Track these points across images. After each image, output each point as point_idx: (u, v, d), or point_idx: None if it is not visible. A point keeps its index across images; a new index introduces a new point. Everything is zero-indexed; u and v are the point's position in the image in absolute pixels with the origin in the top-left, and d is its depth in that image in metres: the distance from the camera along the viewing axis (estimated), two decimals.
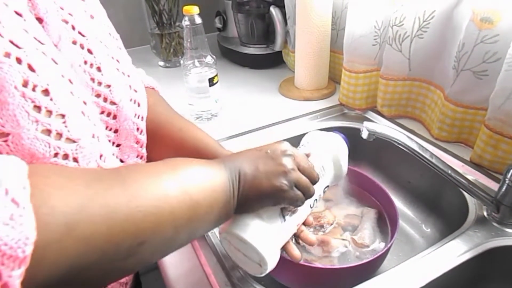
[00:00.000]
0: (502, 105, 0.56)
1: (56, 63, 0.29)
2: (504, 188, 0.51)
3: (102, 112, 0.37)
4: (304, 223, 0.46)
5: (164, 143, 0.48)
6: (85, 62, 0.35)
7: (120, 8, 1.20)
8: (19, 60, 0.25)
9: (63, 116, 0.28)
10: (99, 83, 0.36)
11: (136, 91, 0.43)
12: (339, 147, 0.50)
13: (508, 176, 0.50)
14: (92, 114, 0.33)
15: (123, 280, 0.45)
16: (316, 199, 0.46)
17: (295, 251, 0.44)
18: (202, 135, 0.50)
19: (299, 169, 0.39)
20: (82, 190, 0.24)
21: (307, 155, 0.45)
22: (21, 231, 0.20)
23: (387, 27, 0.72)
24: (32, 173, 0.22)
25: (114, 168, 0.30)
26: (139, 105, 0.43)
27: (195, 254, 0.51)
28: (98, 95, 0.36)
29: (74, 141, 0.29)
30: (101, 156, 0.34)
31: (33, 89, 0.26)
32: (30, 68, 0.26)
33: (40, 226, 0.21)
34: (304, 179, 0.39)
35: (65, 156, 0.29)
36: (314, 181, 0.41)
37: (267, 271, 0.40)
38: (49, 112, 0.27)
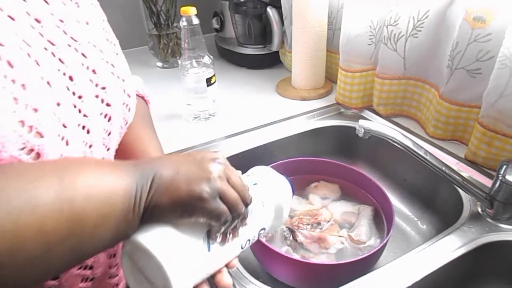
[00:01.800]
0: (495, 103, 0.57)
1: (38, 64, 0.30)
2: (497, 184, 0.52)
3: (101, 114, 0.37)
4: (227, 265, 0.38)
5: (119, 148, 0.45)
6: (82, 64, 0.35)
7: (118, 9, 1.21)
8: None
9: (36, 110, 0.28)
10: (96, 85, 0.36)
11: (129, 96, 0.43)
12: (286, 192, 0.43)
13: (501, 172, 0.51)
14: (66, 117, 0.31)
15: (114, 280, 0.45)
16: (249, 239, 0.39)
17: (224, 277, 0.37)
18: (153, 147, 0.47)
19: (228, 182, 0.33)
20: None
21: (247, 182, 0.38)
22: None
23: (382, 27, 0.73)
24: None
25: (7, 164, 0.26)
26: (129, 110, 0.43)
27: None
28: (96, 96, 0.36)
29: (42, 137, 0.28)
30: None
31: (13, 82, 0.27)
32: (9, 64, 0.27)
33: None
34: (231, 192, 0.33)
35: (30, 151, 0.28)
36: (245, 201, 0.34)
37: None
38: (25, 105, 0.27)
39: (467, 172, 0.63)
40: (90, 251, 0.28)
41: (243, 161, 0.56)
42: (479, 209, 0.56)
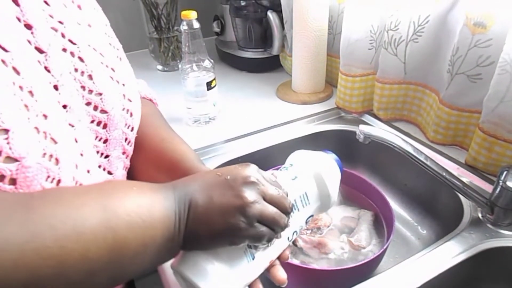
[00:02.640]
0: (496, 108, 0.57)
1: (18, 72, 0.27)
2: (498, 190, 0.51)
3: (92, 121, 0.36)
4: (280, 258, 0.39)
5: (144, 152, 0.45)
6: (76, 70, 0.34)
7: (118, 12, 1.21)
8: (3, 62, 0.25)
9: (6, 131, 0.25)
10: (90, 91, 0.35)
11: (130, 101, 0.42)
12: (328, 171, 0.41)
13: (502, 178, 0.50)
14: (54, 130, 0.29)
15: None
16: (296, 231, 0.39)
17: (279, 272, 0.38)
18: (183, 148, 0.47)
19: (265, 199, 0.33)
20: None
21: (285, 179, 0.38)
22: None
23: (382, 31, 0.73)
24: None
25: (27, 193, 0.26)
26: (131, 115, 0.42)
27: None
28: (88, 103, 0.35)
29: (16, 160, 0.25)
30: (88, 170, 0.32)
31: None
32: (16, 70, 0.26)
33: None
34: (270, 212, 0.32)
35: (50, 157, 0.27)
36: (285, 211, 0.34)
37: None
38: (35, 112, 0.27)
39: (467, 177, 0.63)
40: (130, 275, 0.29)
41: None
42: (480, 215, 0.56)
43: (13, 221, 0.22)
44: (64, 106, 0.32)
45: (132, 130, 0.42)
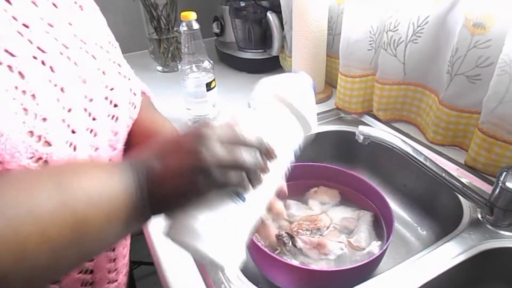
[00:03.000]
0: (495, 109, 0.57)
1: (53, 71, 0.30)
2: (497, 190, 0.51)
3: (108, 115, 0.38)
4: (279, 196, 0.38)
5: (134, 135, 0.45)
6: (93, 66, 0.36)
7: (118, 13, 1.21)
8: (10, 68, 0.27)
9: (45, 119, 0.28)
10: (106, 86, 0.37)
11: (135, 94, 0.44)
12: (293, 92, 0.38)
13: (501, 179, 0.50)
14: (76, 122, 0.32)
15: (113, 286, 0.45)
16: (287, 165, 0.37)
17: (277, 204, 0.40)
18: (166, 125, 0.48)
19: (223, 141, 0.30)
20: None
21: (250, 116, 0.36)
22: None
23: (382, 32, 0.73)
24: None
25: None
26: (135, 107, 0.44)
27: (191, 257, 0.51)
28: (106, 98, 0.37)
29: (50, 145, 0.28)
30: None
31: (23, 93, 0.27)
32: (21, 75, 0.28)
33: None
34: (226, 156, 0.30)
35: (38, 159, 0.28)
36: (251, 146, 0.31)
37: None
38: (34, 115, 0.28)
39: (467, 178, 0.63)
40: (97, 250, 0.29)
41: None
42: (479, 216, 0.56)
43: None
44: (91, 100, 0.34)
45: (132, 121, 0.44)
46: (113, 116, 0.38)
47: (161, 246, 0.53)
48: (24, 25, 0.29)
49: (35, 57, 0.29)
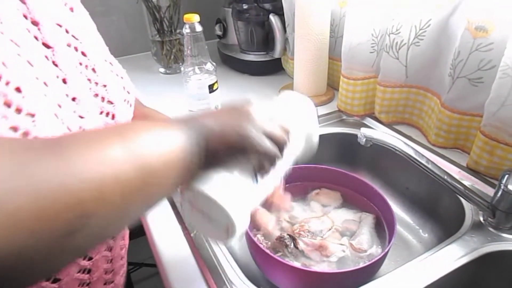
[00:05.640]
0: (497, 112, 0.57)
1: (31, 65, 0.30)
2: (499, 193, 0.51)
3: (101, 113, 0.38)
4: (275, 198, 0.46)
5: None
6: (80, 64, 0.36)
7: (122, 15, 1.22)
8: None
9: (32, 115, 0.28)
10: (96, 83, 0.38)
11: (129, 93, 0.45)
12: (313, 125, 0.46)
13: (503, 181, 0.50)
14: (66, 117, 0.33)
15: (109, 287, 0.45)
16: (286, 173, 0.44)
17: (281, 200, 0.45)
18: (163, 117, 0.51)
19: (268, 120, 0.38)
20: (4, 160, 0.21)
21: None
22: None
23: (384, 35, 0.73)
24: None
25: (54, 136, 0.27)
26: (130, 105, 0.45)
27: (194, 258, 0.51)
28: (96, 95, 0.37)
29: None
30: None
31: (6, 84, 0.27)
32: (4, 65, 0.27)
33: None
34: (272, 128, 0.37)
35: None
36: (286, 133, 0.39)
37: (235, 237, 0.37)
38: (19, 110, 0.28)
39: (469, 181, 0.63)
40: (158, 198, 0.32)
41: None
42: (481, 218, 0.56)
43: (47, 156, 0.24)
44: (73, 99, 0.34)
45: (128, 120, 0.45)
46: (107, 113, 0.39)
47: (163, 247, 0.53)
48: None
49: (17, 54, 0.29)
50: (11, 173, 0.21)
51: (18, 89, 0.28)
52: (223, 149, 0.34)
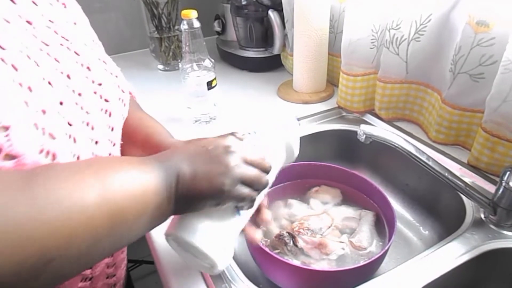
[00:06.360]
0: (499, 108, 0.56)
1: (38, 65, 0.30)
2: (500, 190, 0.51)
3: (101, 110, 0.38)
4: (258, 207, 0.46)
5: (125, 132, 0.47)
6: (76, 62, 0.36)
7: (119, 12, 1.21)
8: (3, 60, 0.27)
9: (44, 112, 0.28)
10: (92, 81, 0.37)
11: (123, 92, 0.44)
12: (290, 128, 0.48)
13: (505, 178, 0.50)
14: (70, 115, 0.32)
15: (111, 281, 0.45)
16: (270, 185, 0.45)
17: (263, 215, 0.45)
18: (156, 125, 0.52)
19: (246, 163, 0.37)
20: None
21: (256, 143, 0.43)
22: None
23: (384, 30, 0.73)
24: None
25: (25, 170, 0.26)
26: (124, 105, 0.45)
27: None
28: (94, 92, 0.37)
29: (14, 157, 0.27)
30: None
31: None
32: (14, 67, 0.27)
33: None
34: (250, 173, 0.37)
35: (47, 153, 0.28)
36: (266, 171, 0.39)
37: (220, 270, 0.39)
38: (35, 108, 0.28)
39: (469, 177, 0.62)
40: (129, 240, 0.31)
41: None
42: (482, 216, 0.55)
43: (17, 195, 0.23)
44: (79, 94, 0.35)
45: (123, 119, 0.45)
46: (106, 111, 0.39)
47: (161, 245, 0.53)
48: (5, 20, 0.29)
49: (20, 51, 0.29)
50: None
51: (29, 89, 0.28)
52: (194, 198, 0.34)
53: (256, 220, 0.45)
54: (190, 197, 0.34)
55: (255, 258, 0.55)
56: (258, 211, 0.45)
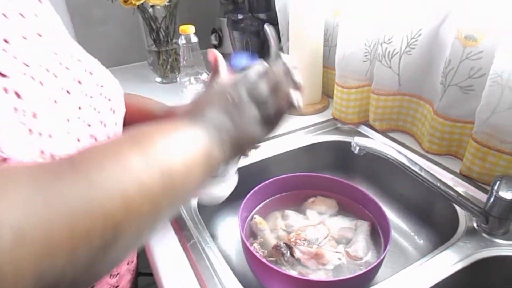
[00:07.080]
0: (488, 119, 0.58)
1: (42, 84, 0.32)
2: (492, 199, 0.52)
3: (110, 109, 0.41)
4: None
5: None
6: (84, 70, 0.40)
7: (118, 25, 1.23)
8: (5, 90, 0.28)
9: (50, 136, 0.31)
10: (96, 84, 0.40)
11: (102, 87, 0.45)
12: None
13: (495, 188, 0.51)
14: (87, 118, 0.36)
15: (114, 281, 0.45)
16: None
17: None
18: (145, 98, 0.59)
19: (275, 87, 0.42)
20: (25, 185, 0.21)
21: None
22: None
23: (376, 44, 0.75)
24: None
25: (70, 155, 0.27)
26: (109, 100, 0.47)
27: (190, 268, 0.51)
28: (100, 94, 0.40)
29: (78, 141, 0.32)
30: None
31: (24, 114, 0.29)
32: (17, 95, 0.29)
33: None
34: (281, 101, 0.43)
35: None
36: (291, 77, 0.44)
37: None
38: (39, 133, 0.30)
39: (462, 187, 0.63)
40: (185, 198, 0.37)
41: (239, 179, 0.57)
42: (475, 224, 0.56)
43: (68, 175, 0.23)
44: (91, 96, 0.38)
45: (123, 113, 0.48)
46: (111, 109, 0.42)
47: (160, 257, 0.53)
48: (5, 40, 0.29)
49: (24, 74, 0.30)
50: (34, 198, 0.21)
51: (34, 115, 0.30)
52: (246, 143, 0.38)
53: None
54: (243, 144, 0.37)
55: (253, 269, 0.55)
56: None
